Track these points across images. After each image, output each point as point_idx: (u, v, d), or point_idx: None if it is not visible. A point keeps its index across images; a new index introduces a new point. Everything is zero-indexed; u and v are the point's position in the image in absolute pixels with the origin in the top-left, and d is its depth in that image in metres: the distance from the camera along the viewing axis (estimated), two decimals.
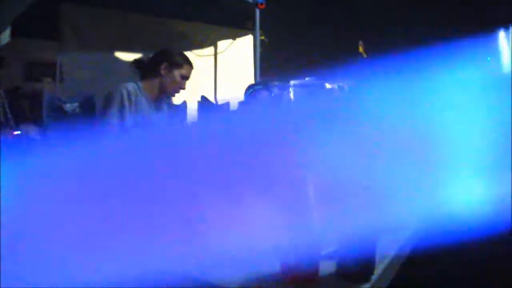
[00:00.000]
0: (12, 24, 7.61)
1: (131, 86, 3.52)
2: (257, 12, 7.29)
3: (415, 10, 9.55)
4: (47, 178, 1.72)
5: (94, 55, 6.72)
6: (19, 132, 3.77)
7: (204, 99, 5.45)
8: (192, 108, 7.23)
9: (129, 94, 3.46)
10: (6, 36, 8.36)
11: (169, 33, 6.99)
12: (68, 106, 3.80)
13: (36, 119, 4.24)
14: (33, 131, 4.01)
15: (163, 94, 3.76)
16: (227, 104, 7.37)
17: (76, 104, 3.86)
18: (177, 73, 3.67)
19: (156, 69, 3.64)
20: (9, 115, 4.47)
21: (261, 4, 7.06)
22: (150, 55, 3.76)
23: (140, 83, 3.60)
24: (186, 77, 3.74)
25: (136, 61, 3.75)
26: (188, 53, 3.76)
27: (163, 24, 7.13)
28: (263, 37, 7.92)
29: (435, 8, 9.72)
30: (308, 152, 1.82)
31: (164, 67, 3.64)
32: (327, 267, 1.54)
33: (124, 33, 6.86)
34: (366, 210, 1.52)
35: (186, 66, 3.71)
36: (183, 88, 3.76)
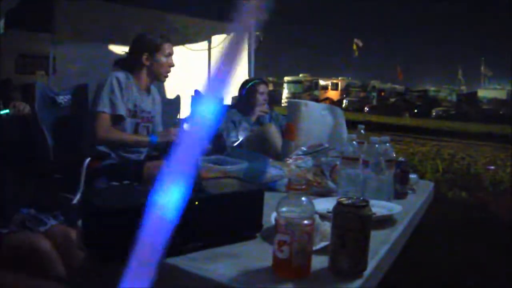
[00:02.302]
0: (5, 16, 7.58)
1: (121, 74, 3.51)
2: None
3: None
4: None
5: (87, 47, 6.71)
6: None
7: (197, 93, 5.44)
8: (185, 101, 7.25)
9: (119, 82, 3.45)
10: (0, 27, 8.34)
11: (163, 26, 6.96)
12: (60, 98, 3.77)
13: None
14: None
15: (154, 80, 3.75)
16: (220, 99, 7.38)
17: (68, 96, 3.84)
18: (159, 56, 3.65)
19: (139, 60, 3.62)
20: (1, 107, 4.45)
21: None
22: (128, 48, 3.74)
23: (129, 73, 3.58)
24: (169, 54, 3.71)
25: (117, 62, 3.73)
26: (181, 47, 3.76)
27: (156, 17, 7.12)
28: (257, 33, 7.92)
29: None
30: None
31: (146, 57, 3.62)
32: (319, 262, 1.53)
33: (118, 26, 6.85)
34: None
35: (165, 45, 3.68)
36: (172, 65, 3.73)
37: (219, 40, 8.55)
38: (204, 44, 8.60)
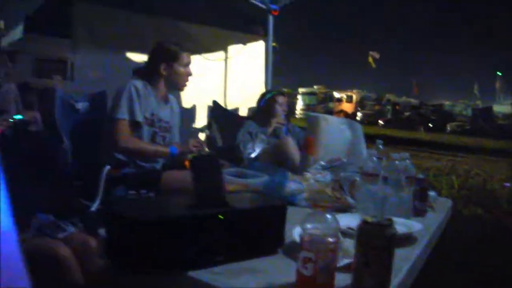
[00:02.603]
0: (25, 20, 7.64)
1: (139, 83, 3.51)
2: (271, 18, 7.30)
3: None
4: None
5: (104, 54, 6.74)
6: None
7: (216, 104, 5.45)
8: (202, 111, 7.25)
9: (137, 90, 3.45)
10: (18, 32, 8.40)
11: (181, 35, 6.97)
12: (79, 105, 3.79)
13: (46, 115, 4.24)
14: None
15: (172, 90, 3.76)
16: (236, 109, 7.38)
17: (87, 103, 3.86)
18: (177, 66, 3.64)
19: (157, 70, 3.62)
20: (21, 110, 4.47)
21: (275, 10, 7.07)
22: (147, 58, 3.74)
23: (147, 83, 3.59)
24: (187, 64, 3.71)
25: (136, 71, 3.73)
26: (198, 56, 3.77)
27: (175, 26, 7.13)
28: (274, 44, 7.93)
29: None
30: None
31: (164, 68, 3.62)
32: (341, 280, 1.53)
33: (135, 34, 6.87)
34: None
35: (183, 54, 3.68)
36: (190, 75, 3.73)
37: (236, 50, 8.56)
38: (221, 54, 8.60)
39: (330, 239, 1.41)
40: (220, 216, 1.58)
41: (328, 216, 1.43)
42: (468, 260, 4.65)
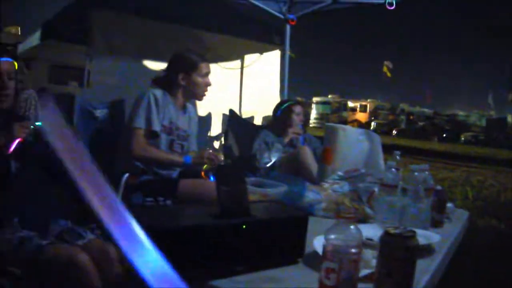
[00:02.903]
0: (42, 27, 7.71)
1: (158, 92, 3.53)
2: (288, 28, 7.32)
3: None
4: None
5: (121, 62, 6.78)
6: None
7: (232, 113, 5.46)
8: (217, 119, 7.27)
9: (156, 99, 3.47)
10: (35, 38, 8.48)
11: (197, 43, 7.01)
12: (98, 112, 3.81)
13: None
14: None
15: (191, 99, 3.77)
16: (251, 118, 7.39)
17: (105, 110, 3.88)
18: (196, 76, 3.63)
19: (175, 80, 3.63)
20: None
21: (292, 20, 7.09)
22: (165, 67, 3.75)
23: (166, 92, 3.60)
24: (206, 74, 3.70)
25: (155, 80, 3.74)
26: (214, 65, 3.78)
27: (191, 34, 7.17)
28: (292, 55, 7.94)
29: None
30: None
31: (182, 77, 3.62)
32: None
33: (152, 42, 6.92)
34: None
35: (202, 64, 3.66)
36: (209, 85, 3.72)
37: (252, 59, 8.59)
38: (237, 63, 8.63)
39: (353, 250, 1.42)
40: (243, 226, 1.59)
41: (352, 227, 1.43)
42: (483, 270, 4.63)
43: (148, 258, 0.83)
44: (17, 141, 2.45)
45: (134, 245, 0.83)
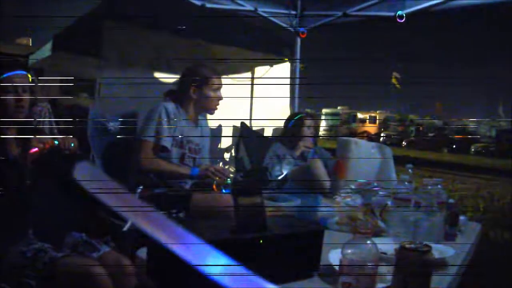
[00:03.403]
0: (53, 39, 7.76)
1: (170, 105, 3.55)
2: (298, 41, 7.34)
3: None
4: None
5: (132, 74, 6.80)
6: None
7: (243, 125, 5.47)
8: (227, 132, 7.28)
9: (167, 112, 3.48)
10: (46, 50, 8.54)
11: (207, 56, 7.04)
12: (110, 124, 3.83)
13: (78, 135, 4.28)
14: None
15: (203, 112, 3.78)
16: (261, 130, 7.40)
17: (118, 122, 3.89)
18: (207, 90, 3.64)
19: (187, 93, 3.64)
20: (54, 128, 4.52)
21: (303, 33, 7.11)
22: (177, 81, 3.77)
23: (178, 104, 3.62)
24: (218, 88, 3.70)
25: (167, 93, 3.75)
26: (224, 77, 3.79)
27: (201, 47, 7.20)
28: (302, 67, 7.96)
29: None
30: None
31: (194, 90, 3.63)
32: None
33: (163, 54, 6.95)
34: None
35: (214, 78, 3.67)
36: (221, 99, 3.72)
37: (262, 72, 8.61)
38: (248, 75, 8.65)
39: (370, 264, 1.43)
40: (260, 241, 1.60)
41: (368, 242, 1.44)
42: (496, 284, 4.60)
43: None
44: (32, 152, 2.46)
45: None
